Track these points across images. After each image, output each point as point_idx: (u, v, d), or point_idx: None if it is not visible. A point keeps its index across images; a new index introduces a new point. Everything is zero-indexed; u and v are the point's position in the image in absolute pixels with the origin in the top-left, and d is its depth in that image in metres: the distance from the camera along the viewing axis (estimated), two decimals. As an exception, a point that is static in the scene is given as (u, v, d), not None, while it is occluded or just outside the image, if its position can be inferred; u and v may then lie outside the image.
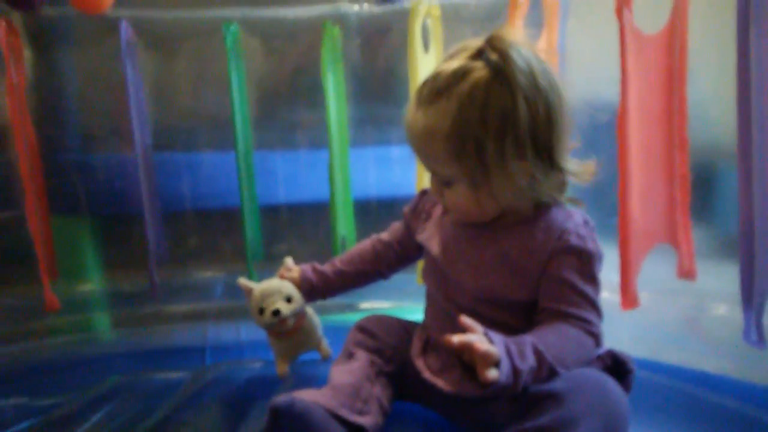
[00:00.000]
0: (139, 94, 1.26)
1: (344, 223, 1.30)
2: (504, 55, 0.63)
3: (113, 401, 0.99)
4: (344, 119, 1.29)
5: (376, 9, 1.28)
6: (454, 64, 0.66)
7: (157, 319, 1.33)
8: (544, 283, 0.68)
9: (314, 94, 1.27)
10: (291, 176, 1.40)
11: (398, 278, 0.94)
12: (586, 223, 0.70)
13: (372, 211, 1.37)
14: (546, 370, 0.62)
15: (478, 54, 0.65)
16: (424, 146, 0.68)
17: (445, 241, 0.76)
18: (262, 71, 1.38)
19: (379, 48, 1.37)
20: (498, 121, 0.63)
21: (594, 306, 0.67)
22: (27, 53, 1.26)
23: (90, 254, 1.36)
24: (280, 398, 0.68)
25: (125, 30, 1.21)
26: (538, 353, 0.62)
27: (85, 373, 1.15)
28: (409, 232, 0.86)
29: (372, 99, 1.36)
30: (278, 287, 0.90)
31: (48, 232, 1.24)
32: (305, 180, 1.41)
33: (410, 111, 0.69)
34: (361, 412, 0.71)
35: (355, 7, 1.28)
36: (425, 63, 1.20)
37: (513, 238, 0.70)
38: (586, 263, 0.67)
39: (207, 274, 1.43)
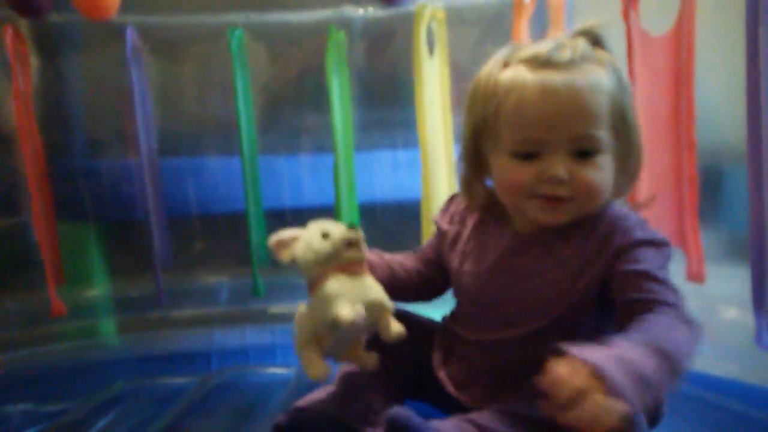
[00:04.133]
0: (145, 99, 1.26)
1: (350, 228, 1.30)
2: (600, 41, 0.66)
3: (119, 407, 0.99)
4: (349, 123, 1.29)
5: (381, 12, 1.27)
6: (575, 38, 0.66)
7: (163, 325, 1.33)
8: (617, 279, 0.62)
9: (319, 98, 1.27)
10: (296, 180, 1.40)
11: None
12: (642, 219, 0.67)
13: (377, 215, 1.37)
14: (669, 369, 0.52)
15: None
16: (585, 104, 0.62)
17: (487, 254, 0.70)
18: (267, 76, 1.38)
19: (383, 52, 1.37)
20: (625, 85, 0.66)
21: (677, 293, 0.61)
22: (33, 59, 1.26)
23: (96, 260, 1.36)
24: (282, 416, 0.68)
25: (131, 35, 1.22)
26: (656, 351, 0.51)
27: (91, 378, 1.15)
28: (441, 244, 0.77)
29: (377, 103, 1.36)
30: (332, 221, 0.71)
31: (54, 237, 1.24)
32: (310, 184, 1.40)
33: (551, 76, 0.62)
34: (372, 424, 0.69)
35: (360, 11, 1.27)
36: (430, 66, 1.19)
37: (571, 244, 0.65)
38: (659, 253, 0.63)
39: (212, 279, 1.43)
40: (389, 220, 1.38)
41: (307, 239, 0.68)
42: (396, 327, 0.66)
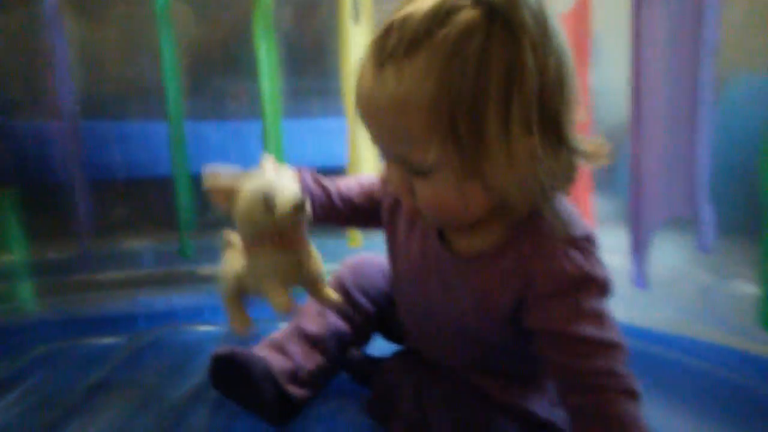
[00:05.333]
0: (65, 59, 1.22)
1: (277, 191, 1.33)
2: None
3: (45, 368, 0.98)
4: (277, 89, 1.31)
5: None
6: (430, 1, 0.46)
7: (87, 288, 1.31)
8: (544, 335, 0.53)
9: (246, 64, 1.28)
10: (223, 146, 1.41)
11: (329, 242, 0.96)
12: (587, 239, 0.54)
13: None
14: None
15: None
16: (391, 122, 0.48)
17: (410, 264, 0.63)
18: (193, 39, 1.37)
19: (310, 18, 1.39)
20: (501, 79, 0.45)
21: (607, 346, 0.51)
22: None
23: (12, 224, 1.31)
24: (222, 348, 0.70)
25: (50, -8, 1.17)
26: None
27: (11, 343, 1.12)
28: (376, 200, 0.71)
29: (304, 70, 1.38)
30: (277, 179, 0.63)
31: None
32: (238, 150, 1.41)
33: (366, 74, 0.49)
34: (302, 384, 0.72)
35: (287, -23, 1.29)
36: (356, 35, 1.24)
37: (491, 267, 0.55)
38: (589, 294, 0.52)
39: (137, 243, 1.42)
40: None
41: (249, 202, 0.60)
42: (332, 295, 0.66)
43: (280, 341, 0.75)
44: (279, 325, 0.96)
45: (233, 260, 0.67)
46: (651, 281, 0.91)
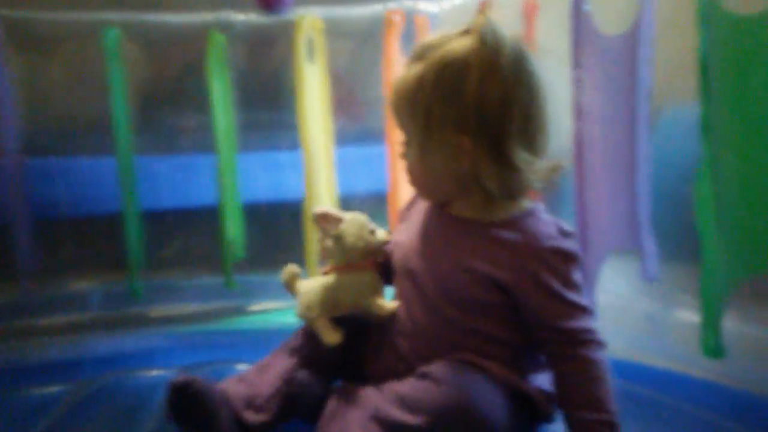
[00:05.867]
0: (8, 96, 1.19)
1: (232, 227, 1.33)
2: (477, 32, 0.65)
3: None
4: (231, 124, 1.31)
5: (262, 19, 1.31)
6: (439, 34, 0.69)
7: (30, 334, 1.25)
8: (527, 298, 0.67)
9: (201, 100, 1.28)
10: (176, 181, 1.39)
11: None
12: (561, 231, 0.69)
13: (260, 215, 1.40)
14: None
15: (465, 31, 0.67)
16: (396, 101, 0.71)
17: (414, 232, 0.75)
18: (145, 76, 1.36)
19: (264, 56, 1.41)
20: (447, 88, 0.65)
21: (585, 310, 0.67)
22: None
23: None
24: (179, 376, 0.70)
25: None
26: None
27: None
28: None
29: (258, 105, 1.39)
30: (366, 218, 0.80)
31: None
32: (191, 185, 1.39)
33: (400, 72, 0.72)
34: (258, 409, 0.73)
35: (241, 16, 1.31)
36: (310, 72, 1.27)
37: (482, 242, 0.68)
38: (566, 269, 0.67)
39: (84, 284, 1.37)
40: (271, 219, 1.41)
41: (358, 227, 0.77)
42: (391, 305, 0.74)
43: (240, 375, 0.77)
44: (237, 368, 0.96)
45: (313, 286, 0.78)
46: (599, 310, 0.94)
